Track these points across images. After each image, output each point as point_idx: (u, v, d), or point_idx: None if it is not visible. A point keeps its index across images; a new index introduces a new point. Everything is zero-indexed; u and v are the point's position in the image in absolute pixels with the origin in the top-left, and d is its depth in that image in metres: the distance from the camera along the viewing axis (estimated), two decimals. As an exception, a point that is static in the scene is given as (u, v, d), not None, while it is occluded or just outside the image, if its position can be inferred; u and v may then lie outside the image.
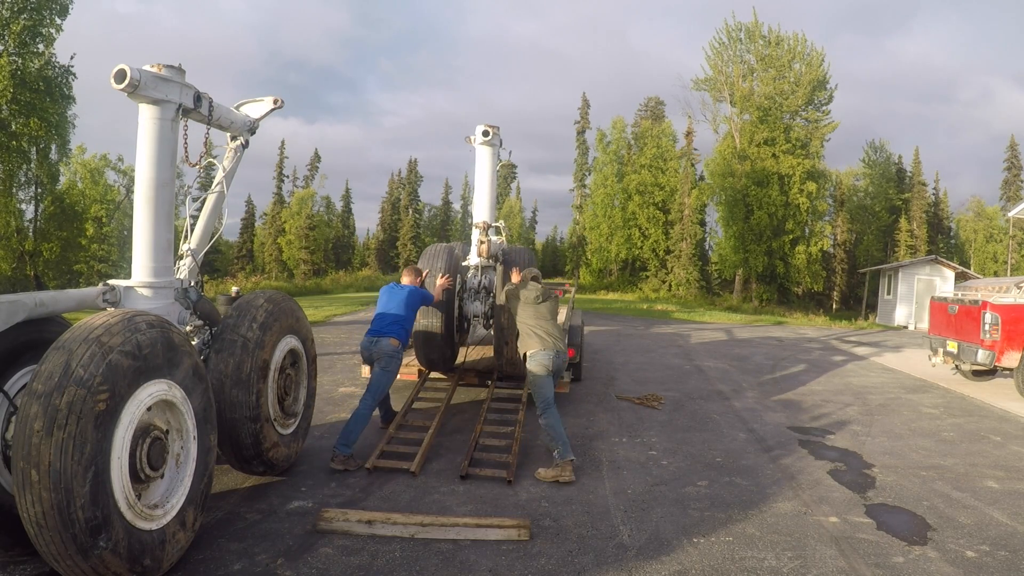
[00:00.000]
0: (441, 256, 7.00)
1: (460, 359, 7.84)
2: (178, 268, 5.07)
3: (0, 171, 21.76)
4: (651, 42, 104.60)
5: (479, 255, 7.12)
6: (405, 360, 6.82)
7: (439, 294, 6.53)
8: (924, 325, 17.39)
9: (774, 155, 34.17)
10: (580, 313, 10.29)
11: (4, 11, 20.43)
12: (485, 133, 7.68)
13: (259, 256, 50.74)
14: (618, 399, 8.15)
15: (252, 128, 5.69)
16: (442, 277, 6.61)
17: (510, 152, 8.20)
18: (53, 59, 21.83)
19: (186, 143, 4.68)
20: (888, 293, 26.70)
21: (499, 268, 7.20)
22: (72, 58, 22.39)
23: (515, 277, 6.34)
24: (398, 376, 6.27)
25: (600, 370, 10.35)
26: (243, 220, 52.64)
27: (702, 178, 41.33)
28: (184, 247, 5.30)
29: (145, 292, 4.14)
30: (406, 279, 6.08)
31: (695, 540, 4.00)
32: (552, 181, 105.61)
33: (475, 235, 7.25)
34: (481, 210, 7.81)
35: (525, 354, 5.55)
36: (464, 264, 7.81)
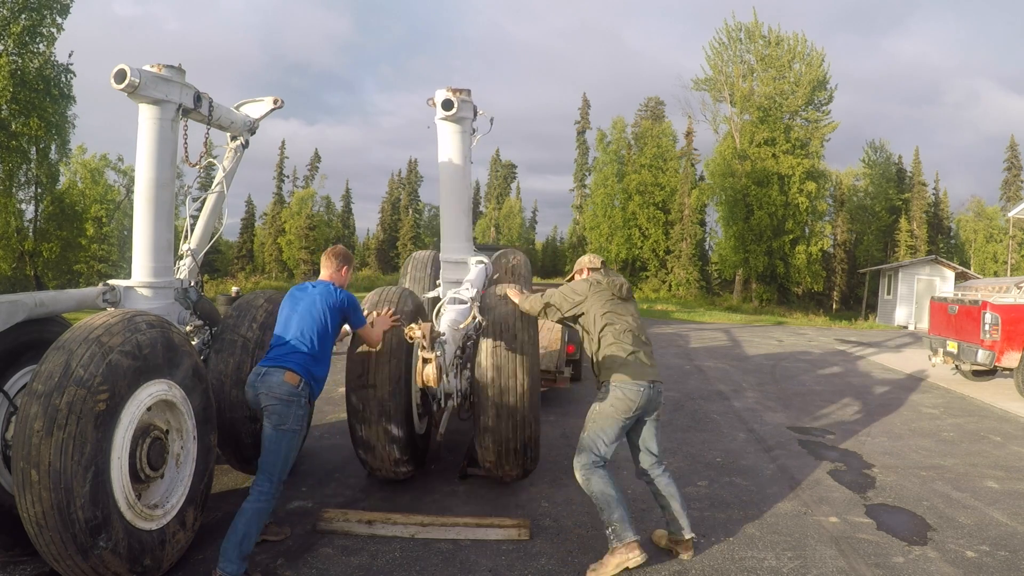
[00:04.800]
0: (404, 306, 4.52)
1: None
2: (178, 268, 5.08)
3: (0, 171, 21.76)
4: (650, 42, 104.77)
5: (426, 381, 3.59)
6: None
7: (376, 336, 4.01)
8: (924, 325, 17.39)
9: (774, 155, 34.16)
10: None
11: (4, 11, 20.43)
12: (447, 104, 4.88)
13: (259, 256, 50.73)
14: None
15: (252, 128, 5.70)
16: (388, 312, 4.21)
17: (492, 120, 5.52)
18: (52, 58, 21.84)
19: (186, 143, 4.69)
20: (888, 293, 26.70)
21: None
22: (70, 56, 22.41)
23: (513, 294, 4.43)
24: None
25: (600, 370, 10.33)
26: (243, 220, 52.65)
27: (702, 178, 41.35)
28: (184, 247, 5.31)
29: (145, 292, 4.14)
30: (325, 271, 3.91)
31: (695, 540, 3.99)
32: (552, 181, 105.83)
33: (416, 355, 3.69)
34: (453, 220, 5.20)
35: (604, 382, 3.73)
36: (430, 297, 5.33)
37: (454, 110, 4.92)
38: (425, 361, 3.57)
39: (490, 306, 4.45)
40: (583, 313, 3.87)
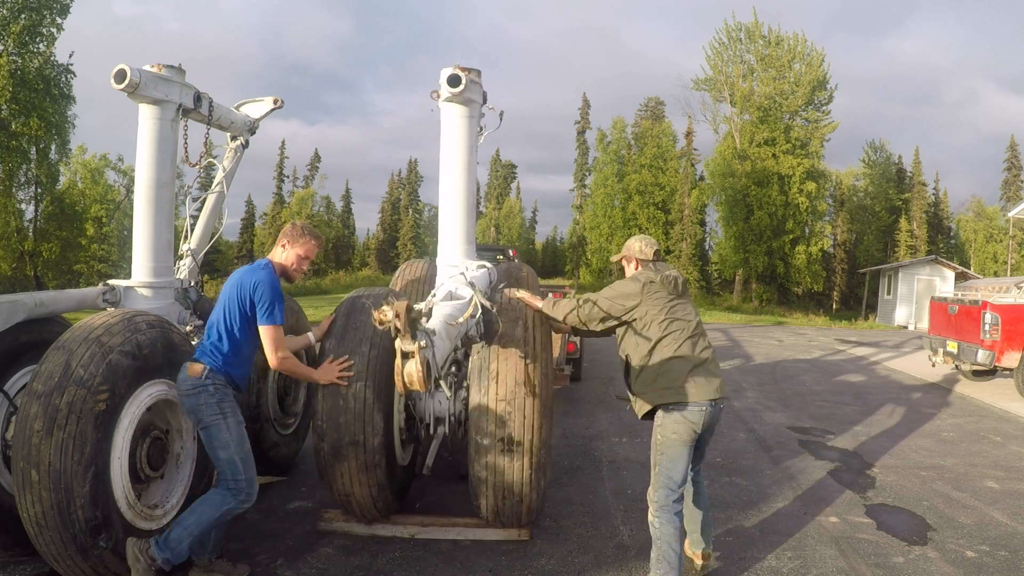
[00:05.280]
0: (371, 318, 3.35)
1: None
2: (178, 268, 5.08)
3: (0, 171, 21.76)
4: (650, 42, 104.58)
5: (408, 383, 2.48)
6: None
7: (285, 365, 3.37)
8: (924, 325, 17.41)
9: (774, 155, 34.17)
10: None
11: (4, 11, 20.43)
12: (454, 80, 4.09)
13: (259, 256, 50.62)
14: (618, 399, 8.15)
15: (252, 128, 5.69)
16: (341, 361, 3.55)
17: (501, 114, 4.75)
18: (52, 58, 21.84)
19: (186, 143, 4.69)
20: (888, 293, 26.71)
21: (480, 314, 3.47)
22: (71, 56, 22.39)
23: (535, 301, 3.81)
24: None
25: (600, 370, 10.35)
26: (243, 220, 52.58)
27: (702, 178, 41.35)
28: (184, 247, 5.30)
29: (145, 292, 4.14)
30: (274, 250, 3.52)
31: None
32: (552, 181, 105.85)
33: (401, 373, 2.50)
34: (454, 220, 4.49)
35: (653, 408, 3.29)
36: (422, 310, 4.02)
37: (461, 87, 4.11)
38: (405, 356, 2.47)
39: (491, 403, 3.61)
40: (633, 320, 3.30)
